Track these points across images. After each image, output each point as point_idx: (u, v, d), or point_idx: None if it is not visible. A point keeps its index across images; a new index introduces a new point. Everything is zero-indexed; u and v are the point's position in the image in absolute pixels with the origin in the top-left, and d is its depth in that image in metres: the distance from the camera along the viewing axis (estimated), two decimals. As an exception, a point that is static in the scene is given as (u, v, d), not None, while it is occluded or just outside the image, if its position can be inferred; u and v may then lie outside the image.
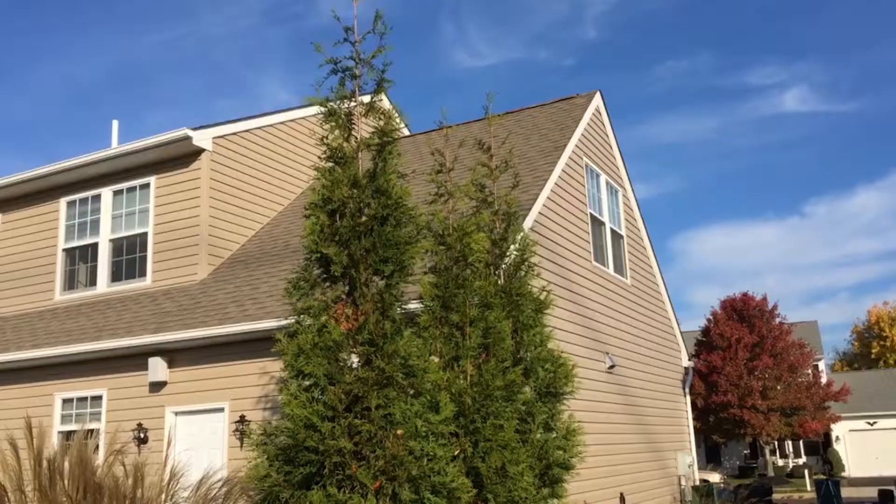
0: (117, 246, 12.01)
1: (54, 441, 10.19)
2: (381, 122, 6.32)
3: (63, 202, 12.48)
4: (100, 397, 10.58)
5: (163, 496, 5.15)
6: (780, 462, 41.30)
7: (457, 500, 5.70)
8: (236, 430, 9.50)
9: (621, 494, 8.86)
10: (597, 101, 13.38)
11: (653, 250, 15.14)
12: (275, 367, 9.51)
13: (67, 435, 10.25)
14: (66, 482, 4.92)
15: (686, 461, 14.35)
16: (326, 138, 6.24)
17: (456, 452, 6.33)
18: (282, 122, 13.36)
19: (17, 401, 11.16)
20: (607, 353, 11.63)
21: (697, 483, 14.74)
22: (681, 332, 16.18)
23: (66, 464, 5.07)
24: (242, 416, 9.51)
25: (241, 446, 9.44)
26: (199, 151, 11.57)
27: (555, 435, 7.69)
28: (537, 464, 7.23)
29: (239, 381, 9.72)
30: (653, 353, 14.08)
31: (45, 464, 4.97)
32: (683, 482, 14.10)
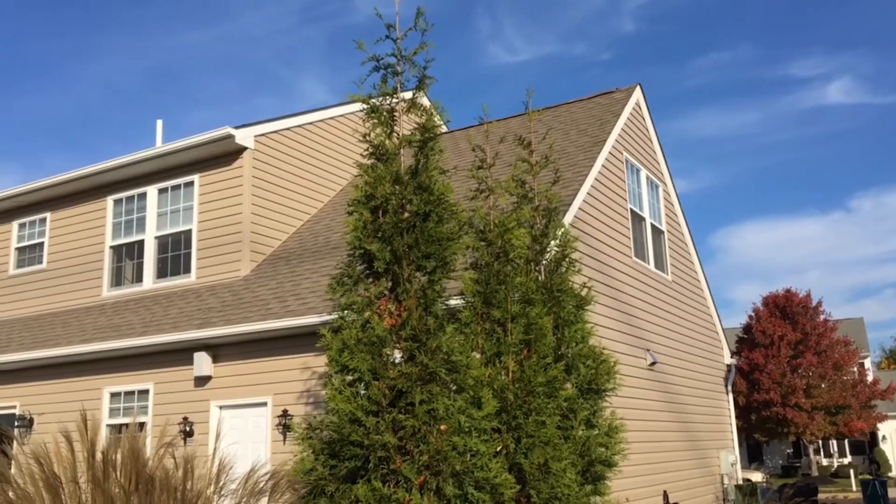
0: (162, 243, 12.25)
1: (103, 434, 10.44)
2: (423, 119, 6.34)
3: (110, 200, 12.76)
4: (146, 391, 10.81)
5: (211, 488, 5.24)
6: (825, 461, 40.50)
7: (500, 495, 5.71)
8: (279, 424, 9.63)
9: (665, 492, 8.78)
10: (637, 95, 13.24)
11: (694, 246, 14.95)
12: (316, 362, 9.63)
13: (116, 428, 10.49)
14: (118, 474, 5.03)
15: (729, 459, 14.16)
16: (369, 135, 6.28)
17: (498, 448, 6.34)
18: (321, 120, 13.48)
19: (66, 394, 11.46)
20: (648, 350, 11.52)
21: (740, 482, 14.53)
22: (723, 329, 15.95)
23: (119, 456, 5.19)
24: (285, 411, 9.63)
25: (284, 440, 9.57)
26: (241, 150, 11.74)
27: (597, 432, 7.65)
28: (579, 461, 7.21)
29: (281, 375, 9.85)
30: (694, 350, 13.91)
31: (98, 456, 5.10)
32: (726, 481, 13.91)
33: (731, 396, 15.55)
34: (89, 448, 5.25)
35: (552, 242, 8.10)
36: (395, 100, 6.32)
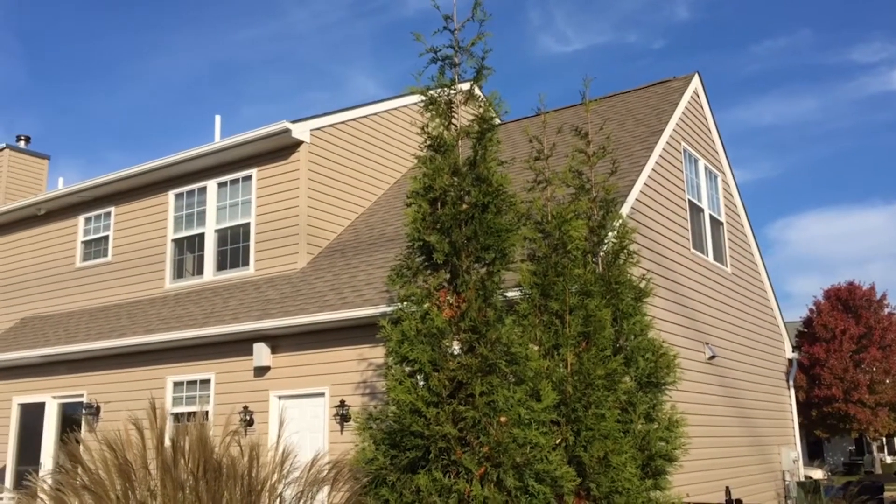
0: (222, 236, 12.50)
1: (169, 422, 10.72)
2: (480, 110, 6.32)
3: (171, 194, 13.08)
4: (208, 381, 11.07)
5: (276, 475, 5.34)
6: (889, 459, 39.23)
7: (560, 488, 5.69)
8: (336, 414, 9.75)
9: (727, 488, 8.62)
10: (695, 83, 12.96)
11: (754, 237, 14.60)
12: (373, 353, 9.72)
13: (178, 417, 10.77)
14: (187, 461, 5.17)
15: (791, 456, 13.81)
16: (427, 127, 6.29)
17: (557, 441, 6.31)
18: (375, 114, 13.56)
19: (132, 383, 11.81)
20: (707, 344, 11.31)
21: (802, 479, 14.17)
22: (784, 323, 15.56)
23: (186, 443, 5.33)
24: (342, 401, 9.75)
25: (342, 430, 9.70)
26: (297, 143, 11.89)
27: (656, 426, 7.55)
28: (639, 455, 7.12)
29: (338, 366, 9.97)
30: (754, 344, 13.60)
31: (167, 443, 5.24)
32: (788, 478, 13.59)
33: (792, 392, 15.16)
34: (158, 435, 5.40)
35: (610, 234, 8.01)
36: (452, 91, 6.31)
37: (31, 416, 13.12)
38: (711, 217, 12.75)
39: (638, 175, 10.05)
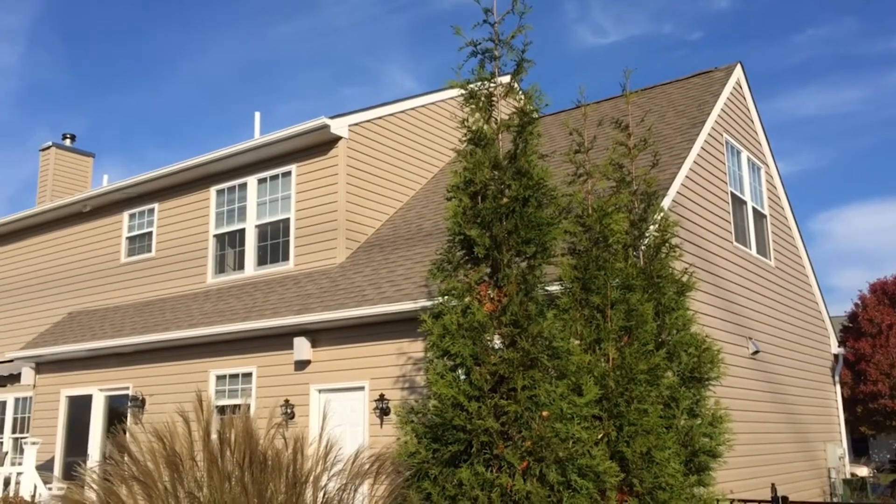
0: (262, 231, 12.65)
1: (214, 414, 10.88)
2: (521, 103, 6.29)
3: (213, 191, 13.26)
4: (250, 374, 11.22)
5: (319, 467, 5.38)
6: (938, 458, 38.19)
7: (602, 483, 5.65)
8: (376, 408, 9.81)
9: (772, 485, 8.47)
10: (737, 73, 12.74)
11: (798, 230, 14.31)
12: (412, 348, 9.75)
13: (222, 409, 10.94)
14: (233, 453, 5.24)
15: (836, 453, 13.54)
16: (467, 121, 6.27)
17: (600, 436, 6.26)
18: (412, 108, 13.58)
19: (176, 376, 12.02)
20: (750, 339, 11.13)
21: (848, 476, 13.88)
22: (829, 317, 15.23)
23: (232, 435, 5.40)
24: (382, 395, 9.80)
25: (382, 424, 9.75)
26: (336, 139, 11.97)
27: (700, 421, 7.45)
28: (682, 451, 7.04)
29: (377, 360, 10.03)
30: (799, 339, 13.34)
31: (214, 435, 5.32)
32: (833, 475, 13.32)
33: (838, 387, 14.85)
34: (204, 427, 5.48)
35: (651, 227, 7.91)
36: (492, 85, 6.29)
37: (78, 409, 13.45)
38: (754, 210, 12.53)
39: (679, 167, 9.91)
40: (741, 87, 12.94)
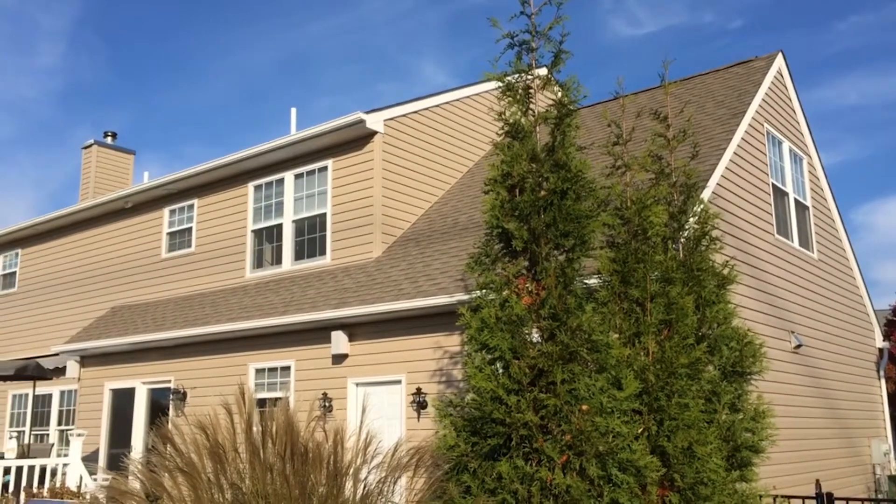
0: (299, 226, 12.76)
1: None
2: (558, 95, 6.24)
3: (251, 186, 13.41)
4: (288, 368, 11.34)
5: (359, 460, 5.42)
6: None
7: (643, 478, 5.60)
8: (413, 401, 9.85)
9: (817, 481, 8.32)
10: (778, 62, 12.48)
11: (841, 222, 14.00)
12: (448, 341, 9.76)
13: (261, 402, 11.07)
14: (274, 444, 5.30)
15: (881, 449, 13.24)
16: (504, 113, 6.24)
17: (640, 430, 6.20)
18: (447, 102, 13.57)
19: (216, 370, 12.21)
20: (793, 332, 10.92)
21: (893, 473, 13.56)
22: (874, 311, 14.89)
23: (273, 428, 5.46)
24: (419, 389, 9.84)
25: (419, 417, 9.79)
26: (371, 134, 12.01)
27: (742, 416, 7.34)
28: (724, 446, 6.94)
29: (414, 354, 10.06)
30: (842, 333, 13.06)
31: (256, 427, 5.38)
32: (878, 471, 13.03)
33: (883, 382, 14.51)
34: (246, 420, 5.55)
35: (691, 220, 7.80)
36: (530, 77, 6.25)
37: (122, 401, 13.73)
38: (796, 201, 12.29)
39: (719, 159, 9.75)
40: (782, 77, 12.68)
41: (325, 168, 12.51)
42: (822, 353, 11.94)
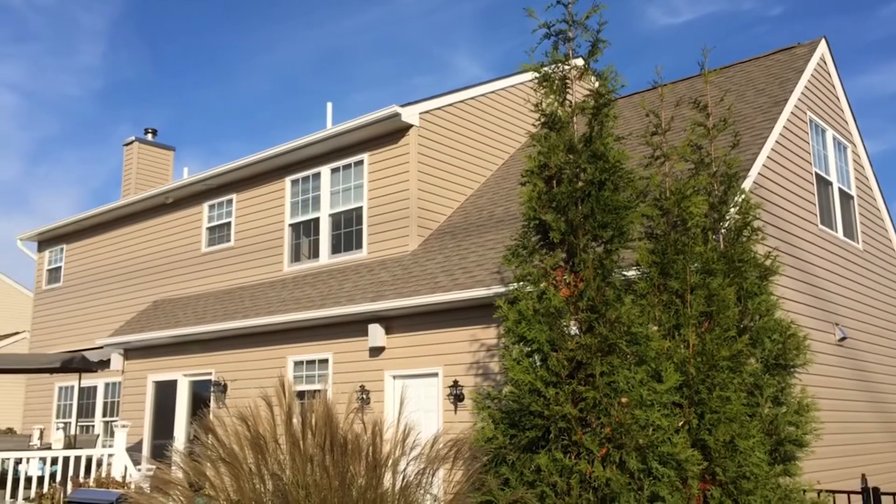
0: (336, 220, 12.84)
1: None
2: (595, 85, 6.17)
3: (288, 181, 13.54)
4: (326, 360, 11.44)
5: (398, 451, 5.45)
6: None
7: (684, 472, 5.53)
8: (450, 394, 9.86)
9: (863, 475, 8.14)
10: (821, 49, 12.19)
11: (888, 211, 13.65)
12: (485, 334, 9.76)
13: (300, 394, 11.19)
14: (314, 435, 5.35)
15: (930, 445, 12.89)
16: (541, 104, 6.20)
17: (680, 424, 6.13)
18: (482, 95, 13.53)
19: (255, 362, 12.36)
20: (837, 325, 10.69)
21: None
22: (922, 303, 14.49)
23: (313, 419, 5.52)
24: (456, 381, 9.85)
25: (456, 410, 9.80)
26: (407, 127, 12.03)
27: (785, 410, 7.21)
28: (767, 439, 6.83)
29: (450, 347, 10.07)
30: (889, 325, 12.75)
31: (296, 419, 5.44)
32: (927, 468, 12.70)
33: (932, 376, 14.13)
34: (286, 411, 5.62)
35: (732, 210, 7.66)
36: (566, 66, 6.19)
37: (164, 393, 14.00)
38: (840, 191, 12.01)
39: (760, 148, 9.57)
40: (825, 63, 12.38)
41: (361, 162, 12.56)
42: (867, 345, 11.67)
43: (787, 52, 12.59)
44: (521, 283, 6.00)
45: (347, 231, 12.67)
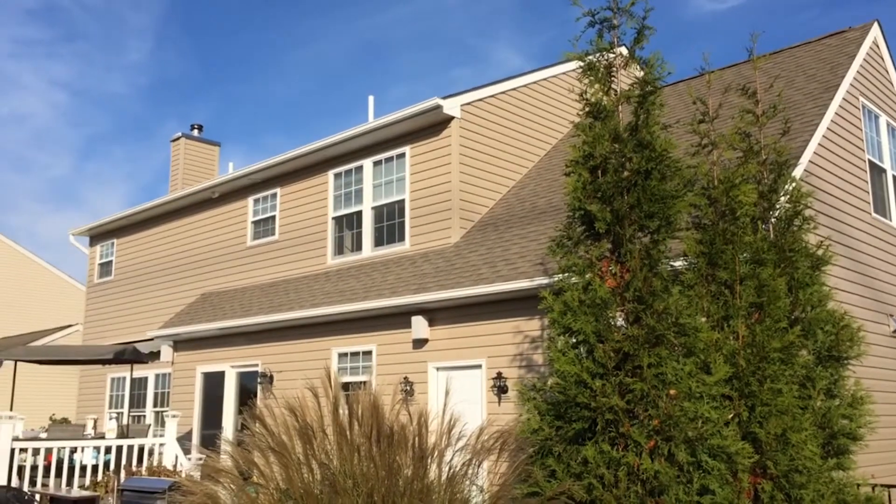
0: (378, 213, 12.91)
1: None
2: (642, 73, 6.08)
3: (331, 174, 13.65)
4: (370, 352, 11.53)
5: (443, 441, 5.46)
6: None
7: (734, 465, 5.44)
8: (494, 386, 9.86)
9: (920, 471, 7.94)
10: (874, 32, 11.83)
11: (945, 199, 13.19)
12: (528, 326, 9.72)
13: (345, 386, 11.30)
14: (361, 426, 5.40)
15: None
16: (585, 93, 6.13)
17: (730, 416, 6.03)
18: (523, 86, 13.45)
19: (300, 354, 12.52)
20: (892, 316, 10.40)
21: None
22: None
23: (359, 410, 5.56)
24: (499, 373, 9.84)
25: (499, 402, 9.80)
26: (448, 119, 12.02)
27: (838, 402, 7.04)
28: (819, 433, 6.68)
29: (494, 339, 10.06)
30: (947, 317, 12.34)
31: (342, 410, 5.49)
32: None
33: None
34: (333, 402, 5.67)
35: (782, 199, 7.49)
36: (611, 55, 6.11)
37: (212, 384, 14.26)
38: (895, 178, 11.66)
39: (811, 135, 9.34)
40: (878, 47, 12.01)
41: (403, 154, 12.60)
42: (924, 337, 11.32)
43: (838, 37, 12.25)
44: (566, 273, 5.96)
45: (390, 224, 12.73)
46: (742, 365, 6.22)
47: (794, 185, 7.59)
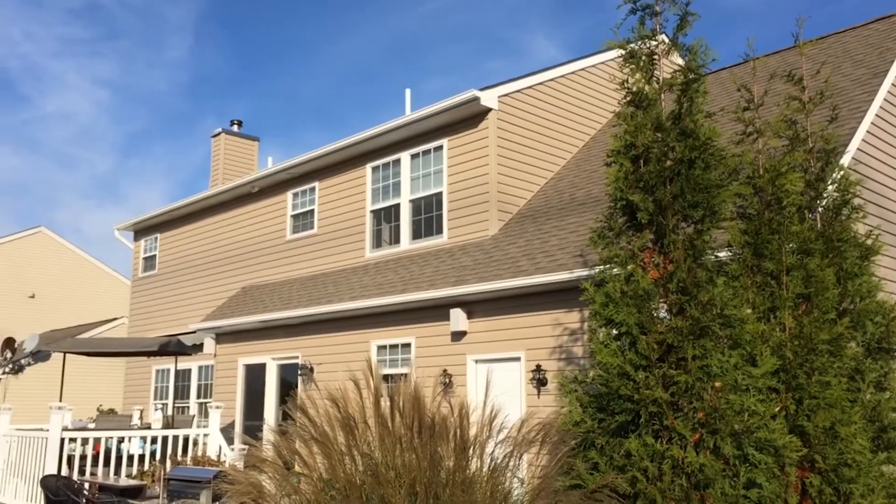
0: (416, 206, 12.93)
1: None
2: (685, 60, 5.98)
3: (368, 168, 13.71)
4: (409, 344, 11.57)
5: (485, 433, 5.46)
6: None
7: (782, 458, 5.34)
8: (533, 378, 9.82)
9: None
10: (925, 14, 11.48)
11: None
12: (567, 318, 9.65)
13: (385, 378, 11.35)
14: (402, 417, 5.42)
15: None
16: (626, 81, 6.05)
17: (777, 409, 5.92)
18: (561, 76, 13.33)
19: (340, 346, 12.62)
20: (944, 307, 10.09)
21: None
22: None
23: (400, 401, 5.59)
24: (538, 366, 9.79)
25: (539, 394, 9.76)
26: (486, 111, 11.97)
27: (888, 395, 6.86)
28: (869, 426, 6.52)
29: (533, 331, 10.01)
30: None
31: (384, 401, 5.52)
32: None
33: None
34: (374, 394, 5.71)
35: (830, 187, 7.31)
36: (654, 42, 6.01)
37: (254, 376, 14.46)
38: (947, 165, 11.29)
39: (860, 122, 9.09)
40: (930, 30, 11.64)
41: (441, 147, 12.59)
42: (978, 330, 10.97)
43: (886, 21, 11.91)
44: (608, 265, 5.89)
45: (428, 216, 12.74)
46: (789, 357, 6.10)
47: (841, 173, 7.40)
